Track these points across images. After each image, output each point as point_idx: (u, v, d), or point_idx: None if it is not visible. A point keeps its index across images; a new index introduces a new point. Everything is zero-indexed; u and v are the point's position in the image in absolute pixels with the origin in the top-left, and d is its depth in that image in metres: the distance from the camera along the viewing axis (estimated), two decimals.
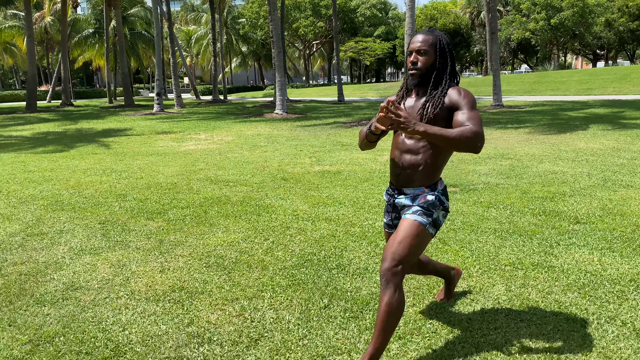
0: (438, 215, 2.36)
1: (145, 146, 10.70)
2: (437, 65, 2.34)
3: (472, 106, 2.25)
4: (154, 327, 2.79)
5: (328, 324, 2.76)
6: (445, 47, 2.35)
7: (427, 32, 2.37)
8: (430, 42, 2.34)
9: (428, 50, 2.33)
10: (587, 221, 4.45)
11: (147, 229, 4.60)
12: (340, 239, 4.18)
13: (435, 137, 2.10)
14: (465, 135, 2.11)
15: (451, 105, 2.28)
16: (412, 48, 2.36)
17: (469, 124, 2.16)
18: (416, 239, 2.28)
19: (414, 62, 2.35)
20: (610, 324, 2.68)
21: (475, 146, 2.12)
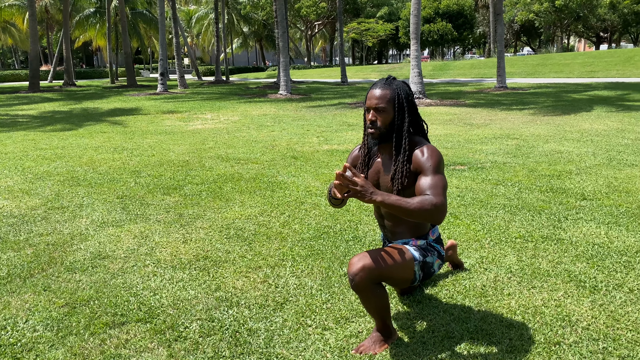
0: (432, 262, 2.30)
1: (152, 125, 10.78)
2: (397, 122, 2.22)
3: (436, 170, 2.13)
4: (183, 292, 2.93)
5: (349, 290, 2.90)
6: (404, 102, 2.22)
7: (385, 86, 2.23)
8: (388, 97, 2.21)
9: (386, 107, 2.21)
10: (594, 198, 4.58)
11: (165, 203, 4.73)
12: (354, 213, 4.31)
13: (393, 208, 1.97)
14: (425, 208, 1.98)
15: (416, 169, 2.19)
16: (370, 105, 2.23)
17: (429, 194, 2.05)
18: (397, 264, 2.17)
19: (373, 120, 2.23)
20: (618, 290, 2.82)
21: (435, 218, 2.00)
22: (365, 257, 2.14)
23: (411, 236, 2.33)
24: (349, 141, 8.04)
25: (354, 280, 2.12)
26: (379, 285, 2.19)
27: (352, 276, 2.12)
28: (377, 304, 2.21)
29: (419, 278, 2.27)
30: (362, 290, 2.14)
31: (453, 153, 6.73)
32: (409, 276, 2.22)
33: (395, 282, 2.25)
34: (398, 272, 2.18)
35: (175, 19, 25.58)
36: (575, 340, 2.35)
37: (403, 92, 2.23)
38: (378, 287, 2.18)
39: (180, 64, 25.16)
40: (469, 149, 7.08)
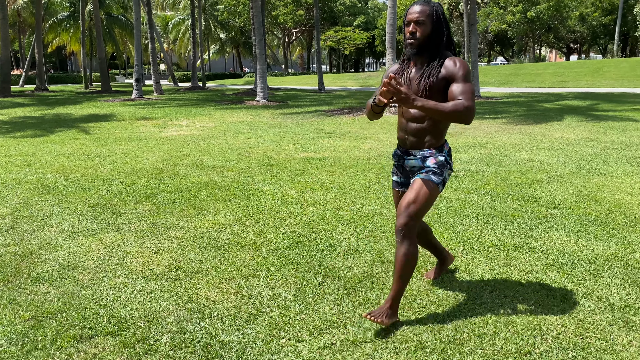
0: (447, 174, 2.61)
1: (126, 132, 10.63)
2: (434, 35, 2.48)
3: (466, 78, 2.42)
4: (154, 304, 2.88)
5: (323, 300, 2.89)
6: (442, 17, 2.48)
7: (424, 3, 2.48)
8: (428, 12, 2.45)
9: (425, 21, 2.45)
10: (564, 206, 4.66)
11: (138, 212, 4.65)
12: (329, 222, 4.30)
13: (431, 111, 2.32)
14: (458, 110, 2.31)
15: (447, 76, 2.45)
16: (410, 19, 2.47)
17: (462, 98, 2.36)
18: (428, 196, 2.52)
19: (413, 32, 2.47)
20: (587, 299, 2.87)
21: (467, 119, 2.34)
22: (408, 206, 2.51)
23: (429, 146, 2.58)
24: (326, 149, 8.05)
25: (403, 227, 2.50)
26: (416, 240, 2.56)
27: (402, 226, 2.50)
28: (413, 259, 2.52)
29: (442, 190, 2.63)
30: (411, 240, 2.51)
31: None
32: (437, 196, 2.59)
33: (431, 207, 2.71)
34: (432, 200, 2.55)
35: (151, 24, 25.33)
36: (546, 350, 2.38)
37: (440, 10, 2.50)
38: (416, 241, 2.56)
39: (156, 69, 24.89)
40: None
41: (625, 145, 7.98)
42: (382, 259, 3.46)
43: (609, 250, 3.59)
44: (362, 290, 3.01)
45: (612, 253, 3.53)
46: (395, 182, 2.80)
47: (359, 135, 9.74)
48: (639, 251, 3.56)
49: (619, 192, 5.11)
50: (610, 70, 26.67)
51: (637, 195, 4.99)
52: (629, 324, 2.59)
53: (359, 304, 2.83)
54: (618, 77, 24.94)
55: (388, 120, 12.41)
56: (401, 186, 2.76)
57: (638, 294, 2.92)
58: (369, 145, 8.44)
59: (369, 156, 7.38)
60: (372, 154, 7.52)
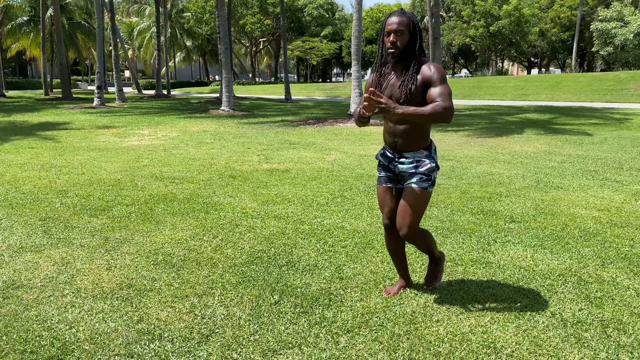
0: (434, 175, 2.81)
1: (85, 141, 10.34)
2: (411, 43, 2.69)
3: (442, 81, 2.62)
4: (102, 325, 2.76)
5: (279, 320, 2.82)
6: (417, 26, 2.70)
7: (401, 14, 2.68)
8: (406, 22, 2.66)
9: (404, 31, 2.66)
10: (522, 220, 4.73)
11: (91, 226, 4.49)
12: (289, 236, 4.24)
13: (412, 117, 2.52)
14: (437, 112, 2.51)
15: (425, 81, 2.64)
16: (390, 29, 2.67)
17: (439, 100, 2.55)
18: (422, 203, 2.76)
19: (394, 42, 2.66)
20: (541, 315, 2.89)
21: (447, 118, 2.52)
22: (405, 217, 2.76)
23: (421, 147, 2.77)
24: (290, 160, 8.00)
25: (407, 237, 2.80)
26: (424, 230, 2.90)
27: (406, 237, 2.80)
28: (429, 240, 2.92)
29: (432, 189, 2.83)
30: (416, 239, 2.84)
31: None
32: (429, 198, 2.82)
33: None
34: (426, 205, 2.79)
35: (114, 31, 24.87)
36: None
37: (415, 19, 2.71)
38: (423, 231, 2.89)
39: (119, 76, 24.42)
40: None
41: (581, 158, 8.21)
42: (341, 275, 3.42)
43: (563, 264, 3.64)
44: (319, 308, 2.96)
45: (566, 268, 3.58)
46: (383, 178, 2.94)
47: (323, 146, 9.73)
48: (592, 265, 3.63)
49: (575, 206, 5.23)
50: (568, 84, 27.56)
51: (591, 209, 5.11)
52: (580, 340, 2.62)
53: (315, 323, 2.78)
54: (576, 91, 25.78)
55: (353, 131, 12.47)
56: (388, 181, 2.92)
57: (590, 309, 2.96)
58: (333, 156, 8.44)
59: (332, 168, 7.37)
60: (336, 166, 7.50)
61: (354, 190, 5.93)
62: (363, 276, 3.41)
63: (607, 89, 25.27)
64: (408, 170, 2.78)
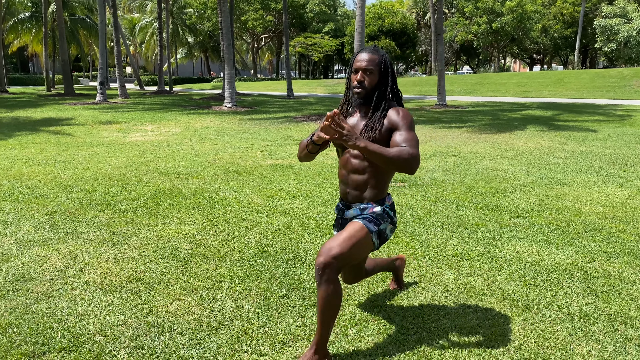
0: (385, 228, 2.42)
1: (89, 136, 10.36)
2: (381, 85, 2.39)
3: (410, 127, 2.30)
4: (112, 317, 2.78)
5: (287, 312, 2.84)
6: (389, 67, 2.39)
7: (373, 51, 2.38)
8: (376, 61, 2.36)
9: (374, 70, 2.35)
10: (527, 215, 4.74)
11: (98, 221, 4.51)
12: (295, 231, 4.26)
13: (374, 155, 2.14)
14: (403, 157, 2.16)
15: (390, 126, 2.33)
16: (359, 66, 2.36)
17: (406, 146, 2.21)
18: (358, 242, 2.30)
19: (361, 81, 2.35)
20: (548, 309, 2.90)
21: (411, 167, 2.17)
22: (331, 246, 2.25)
23: (370, 199, 2.43)
24: (294, 155, 8.01)
25: (324, 270, 2.21)
26: (339, 280, 2.27)
27: (321, 266, 2.22)
28: (336, 300, 2.25)
29: (378, 245, 2.42)
30: (330, 280, 2.22)
31: None
32: (369, 248, 2.38)
33: (360, 257, 2.38)
34: (361, 249, 2.33)
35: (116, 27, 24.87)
36: None
37: (388, 59, 2.42)
38: (338, 281, 2.27)
39: (121, 72, 24.43)
40: None
41: (585, 155, 8.21)
42: None
43: (569, 259, 3.65)
44: None
45: (572, 262, 3.60)
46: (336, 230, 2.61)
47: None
48: (597, 260, 3.64)
49: (579, 202, 5.24)
50: (571, 81, 27.51)
51: (596, 205, 5.12)
52: (588, 333, 2.63)
53: None
54: (579, 88, 25.74)
55: None
56: None
57: (597, 303, 2.97)
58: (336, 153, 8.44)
59: (336, 164, 7.38)
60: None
61: None
62: None
63: (610, 86, 25.22)
64: (354, 214, 2.46)
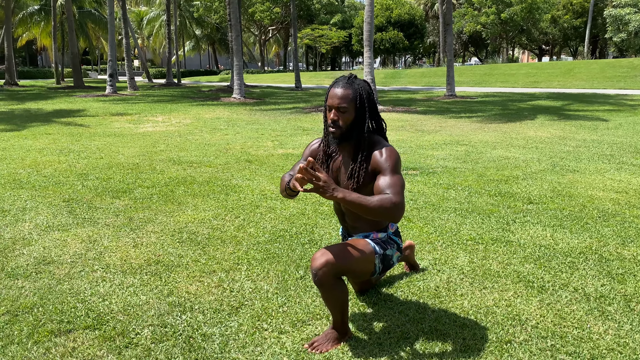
0: (392, 255, 2.36)
1: (101, 127, 10.44)
2: (358, 122, 2.24)
3: (394, 170, 2.16)
4: (134, 298, 2.83)
5: (305, 293, 2.89)
6: (365, 102, 2.22)
7: (346, 86, 2.21)
8: (350, 97, 2.20)
9: (348, 107, 2.19)
10: (539, 202, 4.75)
11: (115, 207, 4.57)
12: (309, 216, 4.30)
13: (353, 205, 2.01)
14: (384, 206, 2.02)
15: (374, 169, 2.21)
16: (332, 104, 2.21)
17: (389, 193, 2.08)
18: (359, 258, 2.22)
19: (335, 120, 2.21)
20: (564, 290, 2.93)
21: (394, 216, 2.05)
22: (328, 252, 2.17)
23: (371, 230, 2.36)
24: (304, 145, 8.03)
25: (317, 275, 2.15)
26: (340, 280, 2.22)
27: (315, 271, 2.15)
28: (338, 299, 2.25)
29: (379, 270, 2.33)
30: (325, 285, 2.17)
31: (405, 158, 6.85)
32: (369, 269, 2.28)
33: (357, 275, 2.31)
34: (359, 265, 2.23)
35: (125, 20, 24.94)
36: (525, 339, 2.42)
37: (365, 92, 2.24)
38: (339, 281, 2.21)
39: (130, 65, 24.51)
40: (420, 154, 7.22)
41: (596, 143, 8.18)
42: None
43: (583, 243, 3.67)
44: None
45: (586, 246, 3.61)
46: None
47: None
48: (612, 244, 3.65)
49: (592, 188, 5.24)
50: (581, 71, 27.29)
51: (609, 191, 5.12)
52: (604, 313, 2.66)
53: None
54: (588, 78, 25.54)
55: None
56: None
57: (612, 284, 2.99)
58: None
59: None
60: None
61: None
62: None
63: (621, 76, 25.00)
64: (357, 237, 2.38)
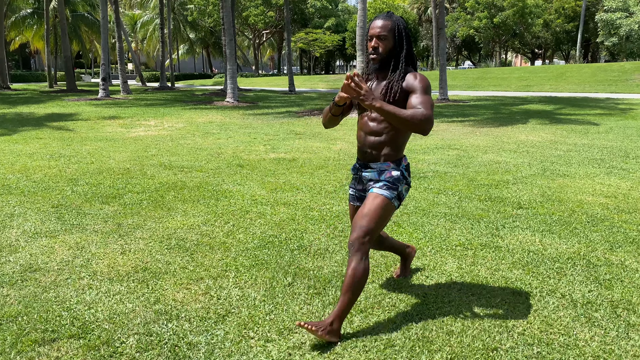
0: (402, 189, 2.55)
1: (92, 131, 10.39)
2: (396, 50, 2.47)
3: (426, 91, 2.41)
4: (120, 306, 2.81)
5: (293, 300, 2.87)
6: (403, 32, 2.46)
7: (386, 17, 2.46)
8: (390, 27, 2.44)
9: (387, 36, 2.44)
10: (529, 206, 4.77)
11: (104, 213, 4.55)
12: (299, 222, 4.29)
13: (389, 115, 2.28)
14: (417, 117, 2.29)
15: (407, 89, 2.44)
16: (372, 33, 2.45)
17: (421, 107, 2.33)
18: (382, 211, 2.46)
19: (375, 47, 2.45)
20: (551, 296, 2.93)
21: (425, 128, 2.31)
22: (362, 222, 2.43)
23: (387, 159, 2.53)
24: (296, 149, 8.03)
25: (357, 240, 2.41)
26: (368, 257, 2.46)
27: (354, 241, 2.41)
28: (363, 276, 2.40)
29: (398, 205, 2.58)
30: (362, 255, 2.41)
31: None
32: (392, 212, 2.53)
33: (387, 223, 2.55)
34: (387, 217, 2.49)
35: (118, 23, 24.86)
36: (512, 346, 2.42)
37: (402, 24, 2.47)
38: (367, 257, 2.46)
39: (123, 69, 24.43)
40: (412, 158, 7.23)
41: (587, 147, 8.22)
42: None
43: (571, 248, 3.68)
44: (332, 289, 3.01)
45: (574, 251, 3.62)
46: (351, 196, 2.74)
47: (329, 136, 9.76)
48: (600, 249, 3.66)
49: (581, 193, 5.26)
50: (572, 75, 27.46)
51: (598, 196, 5.14)
52: (591, 320, 2.66)
53: (329, 303, 2.83)
54: (580, 82, 25.70)
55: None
56: (357, 200, 2.71)
57: (599, 290, 3.00)
58: (339, 146, 8.47)
59: (339, 157, 7.40)
60: (343, 155, 7.54)
61: None
62: (374, 260, 3.46)
63: (612, 80, 25.17)
64: (373, 177, 2.55)
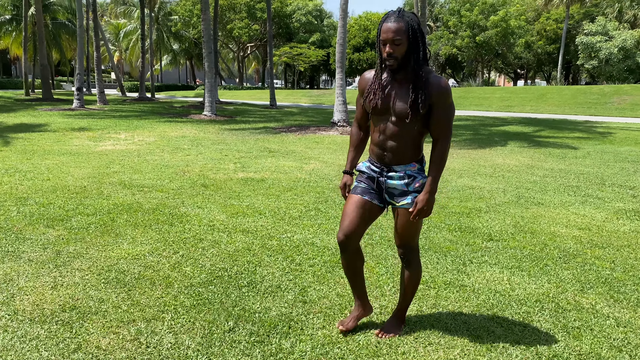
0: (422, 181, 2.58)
1: (58, 144, 10.00)
2: (412, 52, 2.38)
3: (448, 107, 2.43)
4: (33, 354, 2.49)
5: (231, 350, 2.58)
6: (417, 32, 2.37)
7: (398, 19, 2.34)
8: (404, 29, 2.33)
9: (402, 39, 2.34)
10: (500, 238, 4.55)
11: (45, 238, 4.21)
12: (255, 253, 4.00)
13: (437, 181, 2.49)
14: (445, 157, 2.50)
15: (434, 99, 2.39)
16: (386, 38, 2.35)
17: (441, 139, 2.48)
18: (421, 222, 2.61)
19: (390, 53, 2.35)
20: (515, 347, 2.68)
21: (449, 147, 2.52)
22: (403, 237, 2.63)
23: (411, 159, 2.54)
24: (267, 169, 7.76)
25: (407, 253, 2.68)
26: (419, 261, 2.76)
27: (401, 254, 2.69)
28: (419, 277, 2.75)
29: None
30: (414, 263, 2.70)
31: None
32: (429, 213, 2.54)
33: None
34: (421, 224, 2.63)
35: (96, 32, 24.48)
36: None
37: (415, 23, 2.36)
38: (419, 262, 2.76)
39: (100, 78, 24.01)
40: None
41: (563, 173, 8.08)
42: (305, 298, 3.19)
43: (540, 289, 3.45)
44: (276, 337, 2.72)
45: (543, 292, 3.39)
46: (362, 189, 2.61)
47: (303, 155, 9.51)
48: (570, 290, 3.44)
49: (555, 224, 5.06)
50: (553, 96, 27.69)
51: (572, 228, 4.94)
52: None
53: (270, 355, 2.54)
54: (560, 103, 25.91)
55: (335, 140, 12.27)
56: (367, 194, 2.59)
57: (567, 340, 2.76)
58: (312, 166, 8.22)
59: (310, 178, 7.14)
60: (314, 176, 7.28)
61: (329, 202, 5.71)
62: (328, 299, 3.19)
63: (591, 102, 25.42)
64: (399, 187, 2.52)
